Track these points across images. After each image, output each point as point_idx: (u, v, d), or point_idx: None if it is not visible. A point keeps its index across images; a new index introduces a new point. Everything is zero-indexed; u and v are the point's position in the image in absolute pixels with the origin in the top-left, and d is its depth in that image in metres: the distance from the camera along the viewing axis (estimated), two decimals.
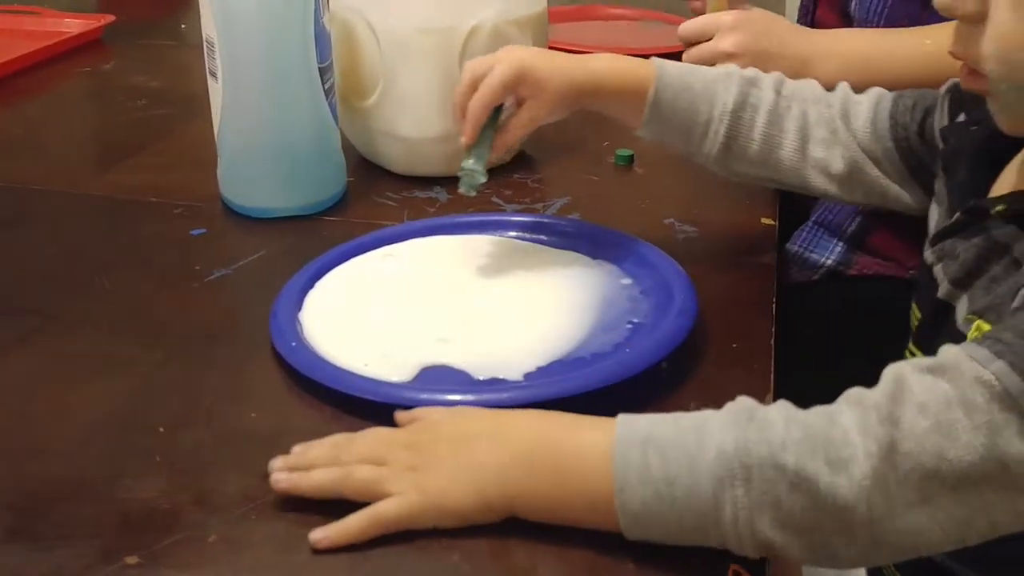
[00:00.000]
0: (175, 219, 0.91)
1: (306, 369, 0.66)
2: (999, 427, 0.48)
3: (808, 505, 0.49)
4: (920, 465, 0.48)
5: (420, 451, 0.55)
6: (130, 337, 0.74)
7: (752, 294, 0.77)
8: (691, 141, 0.75)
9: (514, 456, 0.54)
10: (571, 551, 0.54)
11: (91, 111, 1.27)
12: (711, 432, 0.51)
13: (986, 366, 0.49)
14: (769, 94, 0.75)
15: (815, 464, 0.48)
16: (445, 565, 0.53)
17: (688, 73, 0.75)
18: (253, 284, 0.80)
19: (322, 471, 0.55)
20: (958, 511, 0.49)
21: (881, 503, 0.48)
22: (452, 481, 0.54)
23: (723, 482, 0.49)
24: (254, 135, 0.87)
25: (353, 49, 0.94)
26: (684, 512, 0.50)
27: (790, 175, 0.75)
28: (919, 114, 0.72)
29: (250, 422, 0.64)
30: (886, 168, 0.74)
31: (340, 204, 0.93)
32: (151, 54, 1.41)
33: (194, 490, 0.58)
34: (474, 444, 0.55)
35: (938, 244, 0.63)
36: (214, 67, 0.86)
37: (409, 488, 0.54)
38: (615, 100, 0.75)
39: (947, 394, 0.49)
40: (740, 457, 0.49)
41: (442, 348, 0.69)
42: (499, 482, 0.53)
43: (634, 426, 0.52)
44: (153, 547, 0.54)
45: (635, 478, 0.51)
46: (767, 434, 0.50)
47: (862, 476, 0.48)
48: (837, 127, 0.75)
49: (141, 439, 0.63)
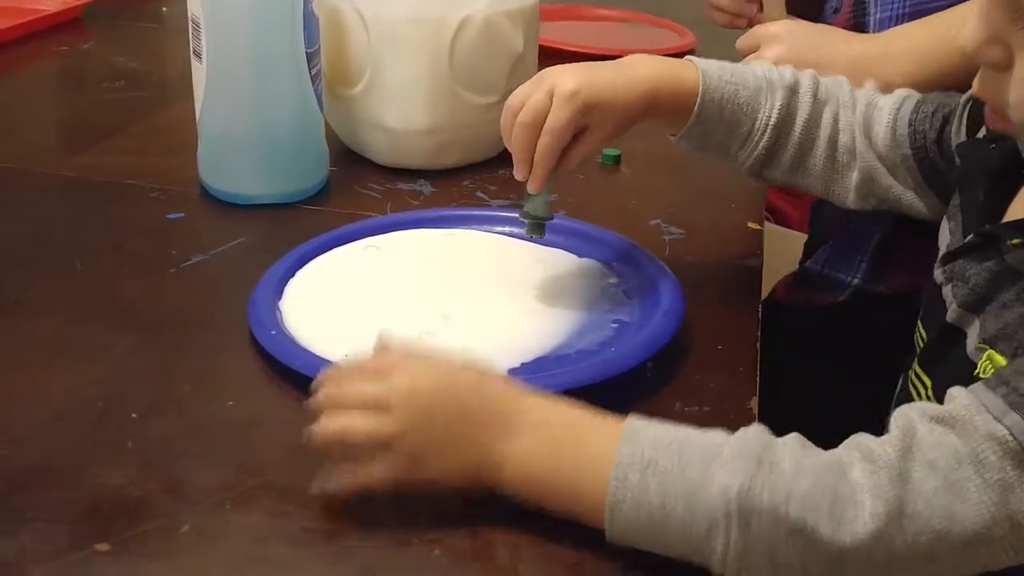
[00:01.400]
0: (151, 203, 0.89)
1: (286, 358, 0.65)
2: (1011, 485, 0.47)
3: (803, 554, 0.49)
4: (929, 527, 0.47)
5: (414, 413, 0.53)
6: (102, 322, 0.72)
7: (738, 297, 0.76)
8: (728, 151, 0.74)
9: (514, 434, 0.53)
10: (553, 549, 0.53)
11: (67, 91, 1.25)
12: (716, 472, 0.50)
13: (1000, 419, 0.48)
14: (807, 99, 0.73)
15: (817, 517, 0.48)
16: (426, 560, 0.52)
17: (730, 80, 0.72)
18: (231, 271, 0.79)
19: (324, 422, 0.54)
20: (962, 567, 0.49)
21: (881, 559, 0.48)
22: (445, 444, 0.53)
23: (719, 523, 0.49)
24: (237, 118, 0.86)
25: (340, 36, 0.93)
26: (674, 540, 0.50)
27: (816, 183, 0.75)
28: (938, 121, 0.71)
29: (226, 411, 0.63)
30: (902, 176, 0.73)
31: (322, 194, 0.91)
32: (131, 35, 1.39)
33: (166, 479, 0.57)
34: (476, 412, 0.54)
35: (948, 264, 0.61)
36: (199, 47, 0.84)
37: (403, 447, 0.53)
38: (669, 113, 0.72)
39: (957, 451, 0.48)
40: (741, 503, 0.49)
41: (424, 341, 0.68)
42: (491, 453, 0.53)
43: (639, 445, 0.51)
44: (123, 535, 0.53)
45: (630, 501, 0.50)
46: (773, 481, 0.49)
47: (865, 534, 0.47)
48: (857, 134, 0.74)
49: (112, 425, 0.61)
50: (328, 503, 0.55)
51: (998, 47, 0.53)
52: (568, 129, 0.68)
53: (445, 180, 0.94)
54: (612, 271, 0.77)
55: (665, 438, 0.52)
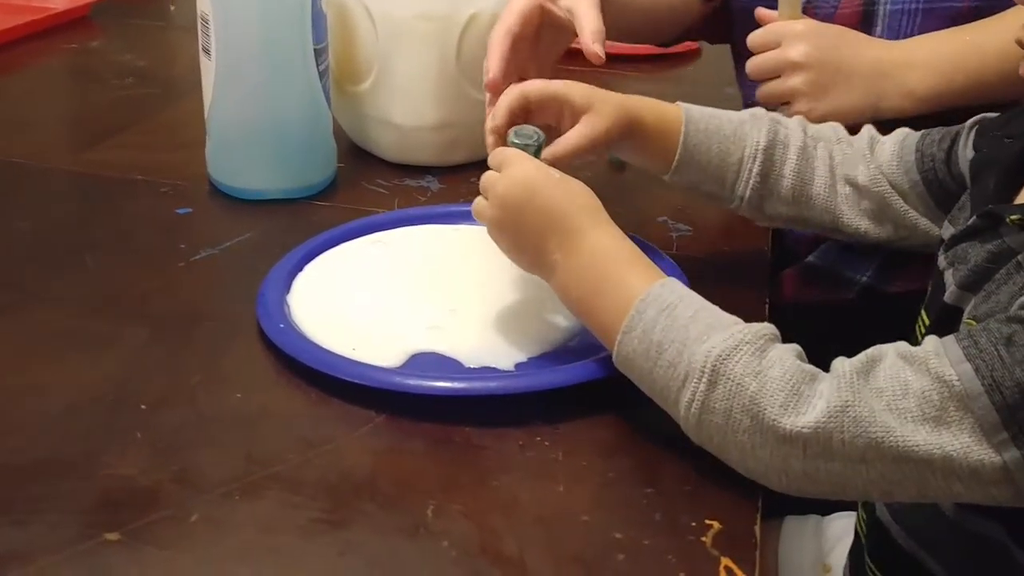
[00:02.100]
0: (161, 198, 0.89)
1: (294, 351, 0.65)
2: (948, 423, 0.51)
3: (751, 429, 0.53)
4: (866, 433, 0.51)
5: (507, 209, 0.64)
6: (112, 315, 0.72)
7: (746, 294, 0.76)
8: (724, 184, 0.74)
9: (570, 251, 0.61)
10: (560, 542, 0.53)
11: (76, 88, 1.25)
12: (714, 335, 0.55)
13: (954, 366, 0.51)
14: (798, 132, 0.74)
15: (771, 402, 0.53)
16: (434, 551, 0.52)
17: (713, 116, 0.74)
18: (239, 266, 0.79)
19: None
20: (893, 476, 0.52)
21: (818, 448, 0.52)
22: (517, 233, 0.64)
23: (693, 376, 0.55)
24: (245, 114, 0.86)
25: (348, 33, 0.93)
26: (657, 377, 0.57)
27: (823, 215, 0.74)
28: (946, 143, 0.72)
29: (235, 402, 0.63)
30: (913, 201, 0.73)
31: (329, 189, 0.91)
32: (139, 33, 1.39)
33: (176, 469, 0.57)
34: (549, 221, 0.62)
35: (952, 249, 0.62)
36: (207, 44, 0.84)
37: (492, 222, 0.65)
38: (653, 137, 0.73)
39: (908, 384, 0.52)
40: (716, 364, 0.54)
41: (433, 335, 0.68)
42: (547, 259, 0.62)
43: (670, 292, 0.58)
44: (133, 524, 0.53)
45: (639, 331, 0.57)
46: (751, 359, 0.54)
47: (804, 424, 0.52)
48: (863, 163, 0.74)
49: (122, 416, 0.61)
50: (335, 495, 0.55)
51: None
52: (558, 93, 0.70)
53: (452, 176, 0.94)
54: None
55: (693, 298, 0.58)
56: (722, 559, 0.52)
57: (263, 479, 0.56)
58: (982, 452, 0.51)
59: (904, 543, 0.66)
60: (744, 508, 0.56)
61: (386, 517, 0.54)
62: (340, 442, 0.60)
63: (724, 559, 0.52)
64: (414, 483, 0.57)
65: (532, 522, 0.54)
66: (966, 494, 0.52)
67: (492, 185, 0.65)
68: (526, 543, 0.53)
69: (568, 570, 0.52)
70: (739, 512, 0.55)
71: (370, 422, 0.61)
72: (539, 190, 0.63)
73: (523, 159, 0.65)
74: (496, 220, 0.64)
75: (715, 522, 0.55)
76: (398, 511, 0.55)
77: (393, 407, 0.62)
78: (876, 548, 0.69)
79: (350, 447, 0.60)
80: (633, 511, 0.55)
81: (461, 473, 0.58)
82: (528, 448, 0.60)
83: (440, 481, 0.57)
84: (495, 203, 0.64)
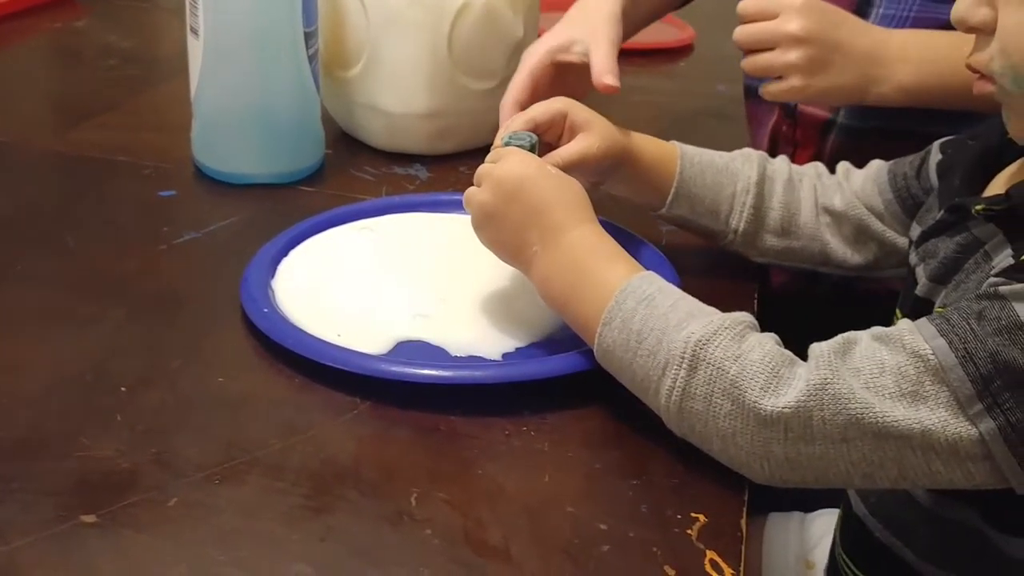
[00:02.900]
0: (144, 180, 0.88)
1: (278, 336, 0.64)
2: (925, 397, 0.52)
3: (732, 413, 0.54)
4: (846, 410, 0.52)
5: (498, 195, 0.63)
6: (92, 296, 0.71)
7: (736, 286, 0.76)
8: (719, 217, 0.75)
9: (550, 246, 0.61)
10: (545, 532, 0.53)
11: (60, 68, 1.24)
12: (693, 322, 0.55)
13: (928, 341, 0.52)
14: (784, 166, 0.76)
15: (751, 385, 0.53)
16: (418, 539, 0.52)
17: (704, 152, 0.75)
18: (223, 249, 0.78)
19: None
20: (873, 456, 0.52)
21: (799, 430, 0.52)
22: (503, 223, 0.63)
23: (674, 362, 0.55)
24: (232, 97, 0.85)
25: (339, 17, 0.92)
26: (638, 367, 0.57)
27: (811, 243, 0.75)
28: (916, 161, 0.74)
29: (216, 386, 0.62)
30: (889, 221, 0.74)
31: (316, 175, 0.90)
32: (124, 14, 1.38)
33: (155, 452, 0.56)
34: (535, 213, 0.62)
35: (922, 245, 0.64)
36: (195, 24, 0.83)
37: (480, 207, 0.64)
38: (648, 167, 0.73)
39: (884, 362, 0.53)
40: (696, 350, 0.54)
41: (419, 323, 0.67)
42: (527, 251, 0.62)
43: (648, 284, 0.58)
44: (110, 507, 0.52)
45: (618, 321, 0.57)
46: (730, 344, 0.54)
47: (785, 405, 0.52)
48: (838, 191, 0.75)
49: (101, 398, 0.60)
50: (317, 481, 0.55)
51: (983, 8, 0.57)
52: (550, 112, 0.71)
53: (442, 165, 0.94)
54: None
55: (672, 289, 0.58)
56: (707, 552, 0.52)
57: (244, 464, 0.56)
58: (959, 425, 0.51)
59: (880, 535, 0.66)
60: (730, 502, 0.55)
61: (369, 504, 0.54)
62: (323, 428, 0.59)
63: (709, 552, 0.52)
64: (398, 471, 0.56)
65: (517, 512, 0.54)
66: (945, 473, 0.52)
67: (488, 173, 0.65)
68: (511, 533, 0.52)
69: (553, 560, 0.51)
70: (725, 506, 0.55)
71: (354, 409, 0.61)
72: (532, 180, 0.63)
73: (523, 154, 0.66)
74: (484, 205, 0.64)
75: (701, 515, 0.54)
76: (381, 498, 0.54)
77: (378, 394, 0.61)
78: (852, 542, 0.70)
79: (333, 433, 0.59)
80: (619, 503, 0.55)
81: (446, 462, 0.58)
82: (514, 438, 0.59)
83: (424, 469, 0.57)
84: (488, 187, 0.64)
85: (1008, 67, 0.56)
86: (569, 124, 0.71)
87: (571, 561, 0.51)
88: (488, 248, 0.65)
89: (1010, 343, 0.50)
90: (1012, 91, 0.56)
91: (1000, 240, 0.57)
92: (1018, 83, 0.56)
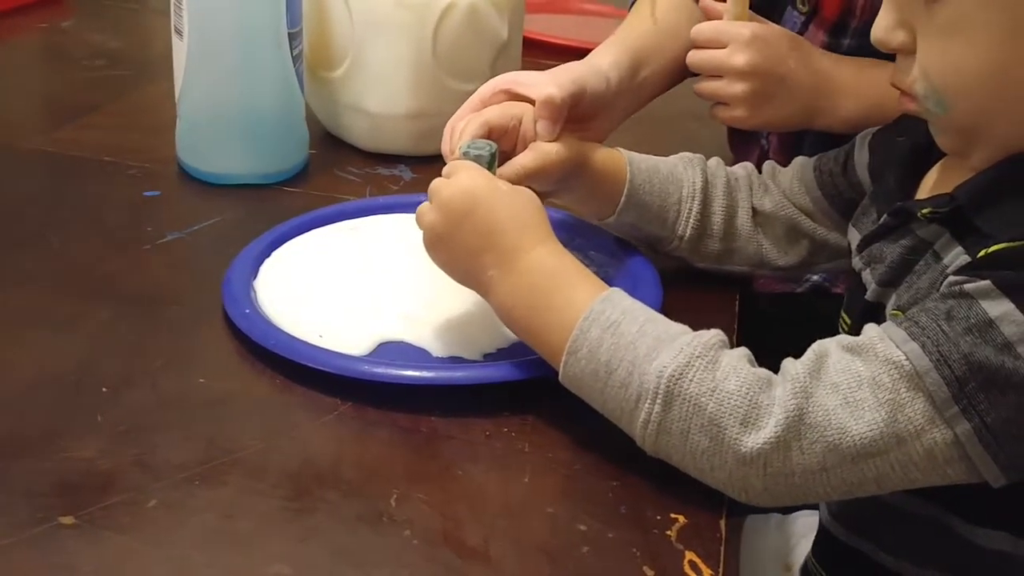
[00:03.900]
0: (128, 180, 0.88)
1: (259, 336, 0.64)
2: (902, 404, 0.52)
3: (711, 448, 0.53)
4: (823, 438, 0.52)
5: (447, 216, 0.61)
6: (76, 295, 0.71)
7: (716, 294, 0.76)
8: (665, 223, 0.75)
9: (507, 269, 0.59)
10: (524, 533, 0.53)
11: (47, 67, 1.23)
12: (663, 351, 0.54)
13: (900, 346, 0.52)
14: (721, 169, 0.77)
15: (731, 419, 0.52)
16: (397, 541, 0.52)
17: (648, 158, 0.75)
18: (206, 250, 0.78)
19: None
20: (851, 478, 0.53)
21: (778, 464, 0.52)
22: (454, 243, 0.61)
23: (647, 396, 0.54)
24: (217, 97, 0.85)
25: (323, 18, 0.92)
26: (609, 398, 0.56)
27: (748, 245, 0.76)
28: (841, 157, 0.74)
29: (198, 387, 0.62)
30: (820, 218, 0.75)
31: (300, 176, 0.90)
32: (113, 15, 1.38)
33: (136, 452, 0.56)
34: (489, 234, 0.60)
35: (865, 249, 0.64)
36: (180, 24, 0.83)
37: (430, 228, 0.62)
38: (600, 175, 0.73)
39: (860, 374, 0.53)
40: (670, 385, 0.53)
41: (400, 324, 0.68)
42: (484, 275, 0.60)
43: (612, 307, 0.57)
44: (89, 508, 0.52)
45: (585, 351, 0.56)
46: (704, 374, 0.53)
47: (764, 440, 0.52)
48: (767, 193, 0.76)
49: (83, 398, 0.60)
50: (297, 482, 0.55)
51: (902, 31, 0.57)
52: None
53: (426, 166, 0.93)
54: (589, 259, 0.76)
55: (636, 311, 0.57)
56: (686, 553, 0.52)
57: (224, 465, 0.56)
58: (935, 431, 0.51)
59: (846, 539, 0.66)
60: (710, 503, 0.55)
61: (348, 505, 0.54)
62: (304, 429, 0.59)
63: (688, 553, 0.52)
64: (378, 471, 0.57)
65: (497, 513, 0.54)
66: (923, 479, 0.53)
67: (437, 190, 0.62)
68: (490, 533, 0.53)
69: (532, 561, 0.51)
70: (704, 507, 0.55)
71: (335, 410, 0.61)
72: (482, 201, 0.61)
73: (473, 169, 0.63)
74: (433, 226, 0.62)
75: (680, 516, 0.54)
76: (361, 499, 0.54)
77: (359, 395, 0.61)
78: (820, 549, 0.70)
79: (314, 434, 0.59)
80: (598, 504, 0.55)
81: (426, 462, 0.58)
82: (495, 439, 0.59)
83: (405, 470, 0.57)
84: (436, 207, 0.62)
85: (930, 91, 0.56)
86: (523, 133, 0.71)
87: (550, 562, 0.51)
88: (442, 270, 0.63)
89: (982, 341, 0.51)
90: (936, 112, 0.57)
91: (947, 239, 0.58)
92: (941, 105, 0.56)
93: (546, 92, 0.70)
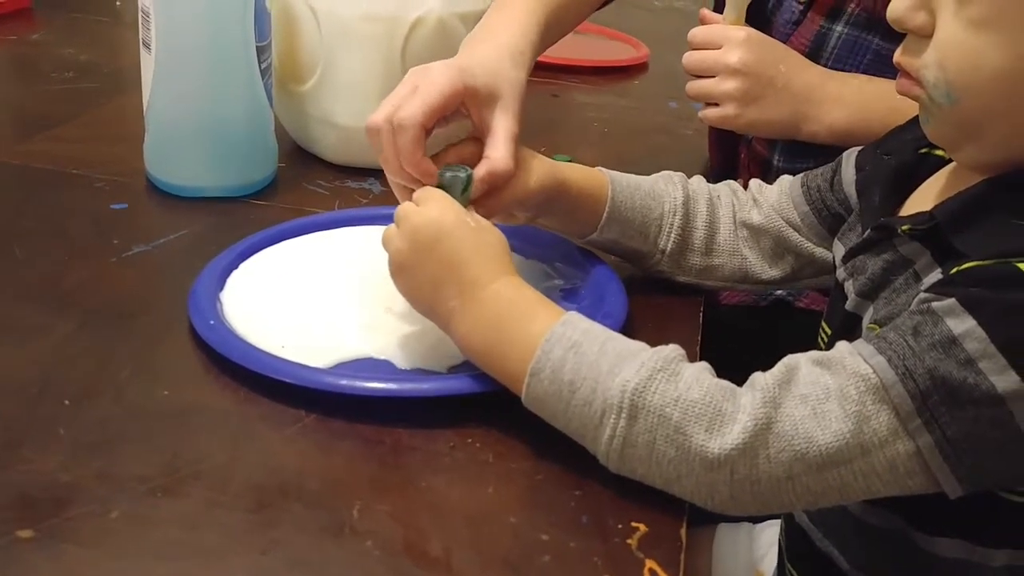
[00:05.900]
0: (96, 192, 0.88)
1: (223, 348, 0.64)
2: (867, 417, 0.52)
3: (678, 457, 0.54)
4: (790, 446, 0.53)
5: (413, 244, 0.62)
6: (39, 306, 0.71)
7: (681, 306, 0.77)
8: (647, 238, 0.75)
9: (468, 301, 0.60)
10: (486, 543, 0.53)
11: (14, 80, 1.23)
12: (624, 367, 0.55)
13: (868, 360, 0.53)
14: (703, 185, 0.78)
15: (696, 426, 0.53)
16: (358, 552, 0.52)
17: (629, 176, 0.76)
18: (173, 262, 0.78)
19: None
20: (816, 487, 0.54)
21: (745, 471, 0.53)
22: (418, 272, 0.62)
23: (611, 412, 0.54)
24: (185, 110, 0.85)
25: (292, 31, 0.93)
26: (573, 416, 0.56)
27: (731, 260, 0.76)
28: (828, 173, 0.75)
29: (161, 399, 0.62)
30: (806, 233, 0.76)
31: (269, 189, 0.91)
32: (82, 28, 1.37)
33: (98, 465, 0.56)
34: (452, 267, 0.61)
35: (850, 261, 0.65)
36: (148, 38, 0.83)
37: (396, 254, 0.63)
38: (580, 196, 0.73)
39: (828, 387, 0.53)
40: (634, 398, 0.54)
41: (366, 336, 0.68)
42: (444, 307, 0.61)
43: (572, 330, 0.57)
44: (49, 522, 0.52)
45: (547, 372, 0.57)
46: (667, 386, 0.54)
47: (732, 446, 0.53)
48: (755, 207, 0.77)
49: (44, 410, 0.60)
50: (261, 494, 0.55)
51: (922, 12, 0.57)
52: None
53: None
54: (556, 272, 0.77)
55: (596, 331, 0.58)
56: (647, 561, 0.52)
57: (188, 476, 0.55)
58: (898, 443, 0.52)
59: (820, 543, 0.67)
60: (671, 511, 0.56)
61: (311, 517, 0.54)
62: (268, 441, 0.59)
63: (649, 561, 0.52)
64: (341, 483, 0.57)
65: (460, 523, 0.54)
66: (884, 490, 0.54)
67: (406, 216, 0.63)
68: (453, 544, 0.53)
69: (494, 571, 0.51)
70: (665, 515, 0.56)
71: (299, 421, 0.61)
72: (449, 234, 0.62)
73: (445, 200, 0.64)
74: (399, 252, 0.63)
75: (641, 524, 0.55)
76: (324, 511, 0.54)
77: (323, 407, 0.61)
78: (795, 551, 0.71)
79: (278, 446, 0.59)
80: (560, 513, 0.55)
81: (390, 474, 0.58)
82: (459, 450, 0.60)
83: (368, 481, 0.57)
84: (404, 234, 0.63)
85: (943, 81, 0.56)
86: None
87: (512, 571, 0.51)
88: (404, 297, 0.64)
89: (945, 357, 0.51)
90: (942, 103, 0.57)
91: (928, 261, 0.58)
92: (948, 98, 0.56)
93: (494, 167, 0.68)
